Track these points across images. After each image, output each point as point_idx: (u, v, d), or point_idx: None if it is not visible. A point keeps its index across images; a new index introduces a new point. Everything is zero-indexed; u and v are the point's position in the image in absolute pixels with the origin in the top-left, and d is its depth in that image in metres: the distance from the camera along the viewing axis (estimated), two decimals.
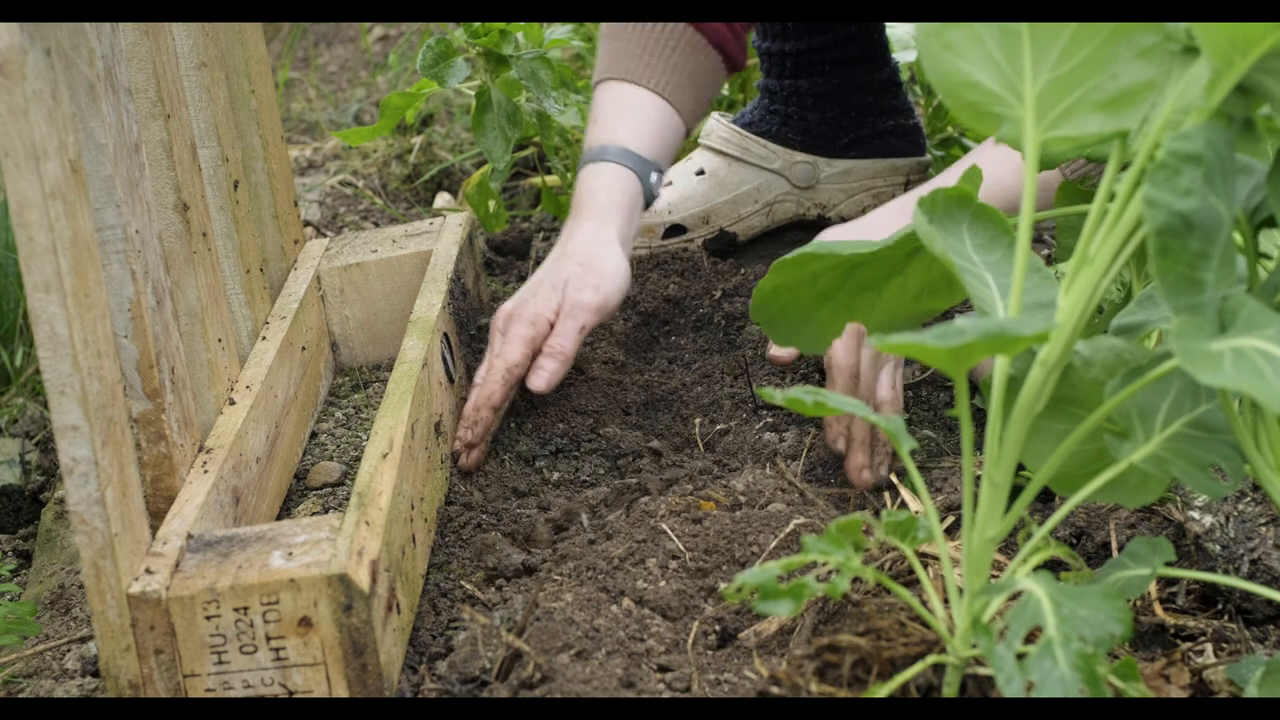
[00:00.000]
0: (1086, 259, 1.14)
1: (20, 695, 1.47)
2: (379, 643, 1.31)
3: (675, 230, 2.25)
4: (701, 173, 2.27)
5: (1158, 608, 1.43)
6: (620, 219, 1.92)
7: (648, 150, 1.96)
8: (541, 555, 1.60)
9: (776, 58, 2.23)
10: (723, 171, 2.26)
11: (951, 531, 1.53)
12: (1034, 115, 1.14)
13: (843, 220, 2.25)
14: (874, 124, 2.25)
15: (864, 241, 1.32)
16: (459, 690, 1.37)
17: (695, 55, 2.00)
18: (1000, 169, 1.66)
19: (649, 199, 1.98)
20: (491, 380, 1.78)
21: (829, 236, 1.78)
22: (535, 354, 1.81)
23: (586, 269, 1.85)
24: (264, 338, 1.78)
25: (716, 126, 2.28)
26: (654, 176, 1.96)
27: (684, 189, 2.26)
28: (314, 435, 1.87)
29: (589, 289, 1.84)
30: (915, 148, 2.28)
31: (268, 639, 1.31)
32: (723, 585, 1.47)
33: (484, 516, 1.67)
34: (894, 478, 1.68)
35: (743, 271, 2.17)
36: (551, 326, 1.82)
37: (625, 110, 1.98)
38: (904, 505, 1.61)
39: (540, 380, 1.80)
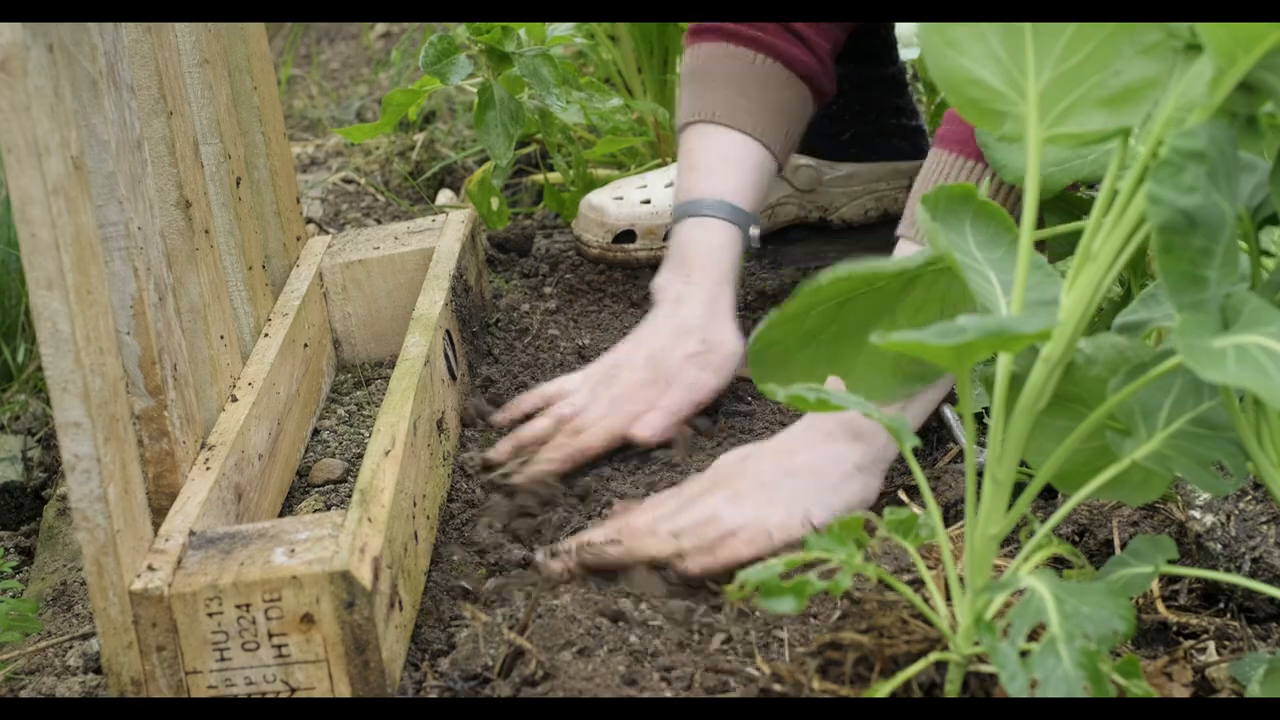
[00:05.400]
0: (1089, 256, 1.14)
1: (22, 692, 1.47)
2: (381, 640, 1.31)
3: None
4: None
5: (1160, 605, 1.43)
6: (733, 287, 1.87)
7: (747, 202, 1.90)
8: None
9: None
10: None
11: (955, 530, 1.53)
12: (1037, 112, 1.14)
13: (845, 225, 2.25)
14: (877, 121, 2.23)
15: (860, 271, 1.24)
16: (461, 688, 1.37)
17: (784, 90, 1.93)
18: None
19: (746, 253, 1.92)
20: (557, 452, 1.72)
21: (727, 462, 1.62)
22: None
23: (709, 348, 1.80)
24: (266, 335, 1.79)
25: None
26: (753, 230, 1.90)
27: None
28: (316, 432, 1.87)
29: (711, 370, 1.80)
30: (917, 150, 2.27)
31: (270, 636, 1.31)
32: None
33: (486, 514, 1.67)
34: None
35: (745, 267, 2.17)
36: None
37: (726, 159, 1.91)
38: (906, 503, 1.61)
39: (646, 430, 1.74)
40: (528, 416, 1.81)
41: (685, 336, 1.81)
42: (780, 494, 1.55)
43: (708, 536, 1.51)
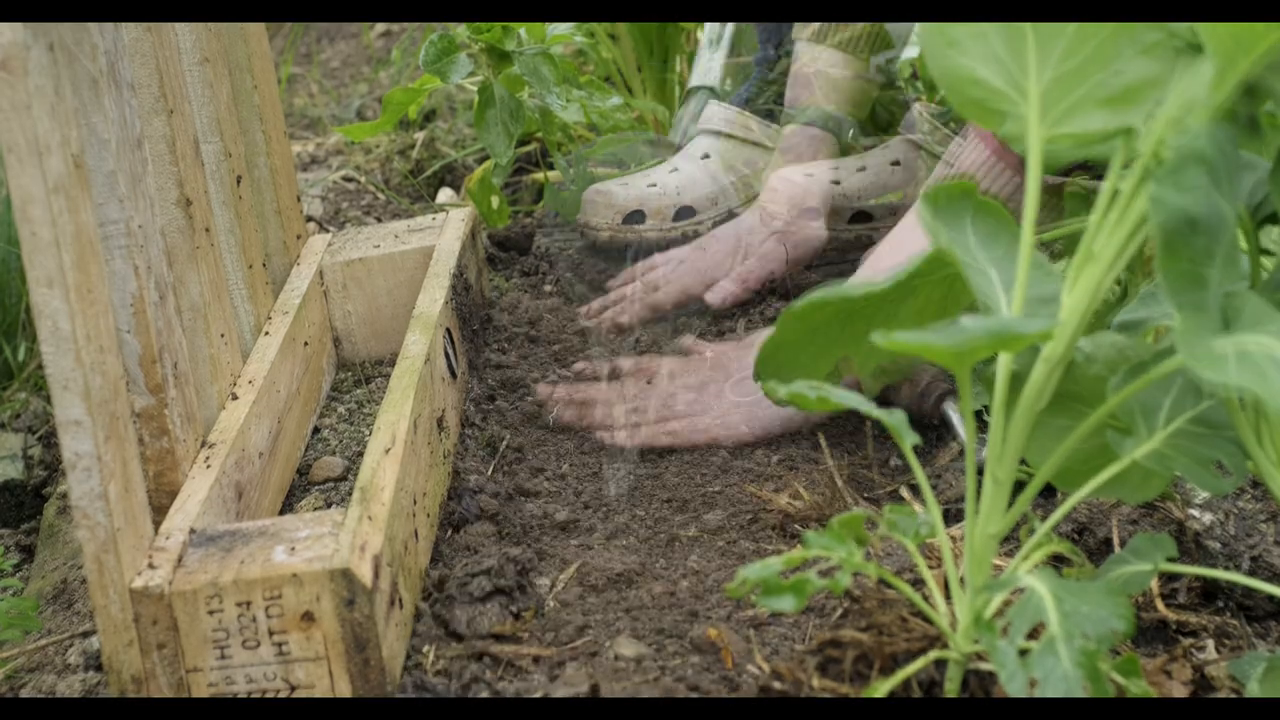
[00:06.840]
0: (1091, 256, 1.14)
1: (22, 690, 1.47)
2: (381, 638, 1.31)
3: (685, 212, 2.26)
4: (706, 156, 2.29)
5: (1159, 604, 1.43)
6: (829, 186, 2.09)
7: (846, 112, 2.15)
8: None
9: (773, 26, 2.27)
10: (727, 153, 2.28)
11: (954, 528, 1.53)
12: (1038, 112, 1.14)
13: (847, 201, 2.26)
14: (871, 110, 2.27)
15: (863, 286, 1.26)
16: (460, 687, 1.37)
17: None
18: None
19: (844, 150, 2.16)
20: (631, 305, 1.99)
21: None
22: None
23: (793, 229, 2.03)
24: (267, 333, 1.79)
25: (716, 110, 2.30)
26: (850, 131, 2.15)
27: (690, 172, 2.28)
28: (316, 430, 1.87)
29: (790, 243, 2.03)
30: (907, 128, 2.30)
31: (270, 634, 1.31)
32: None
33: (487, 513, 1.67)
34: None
35: None
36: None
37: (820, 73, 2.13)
38: (907, 501, 1.61)
39: (717, 295, 1.98)
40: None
41: (774, 218, 2.03)
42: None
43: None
